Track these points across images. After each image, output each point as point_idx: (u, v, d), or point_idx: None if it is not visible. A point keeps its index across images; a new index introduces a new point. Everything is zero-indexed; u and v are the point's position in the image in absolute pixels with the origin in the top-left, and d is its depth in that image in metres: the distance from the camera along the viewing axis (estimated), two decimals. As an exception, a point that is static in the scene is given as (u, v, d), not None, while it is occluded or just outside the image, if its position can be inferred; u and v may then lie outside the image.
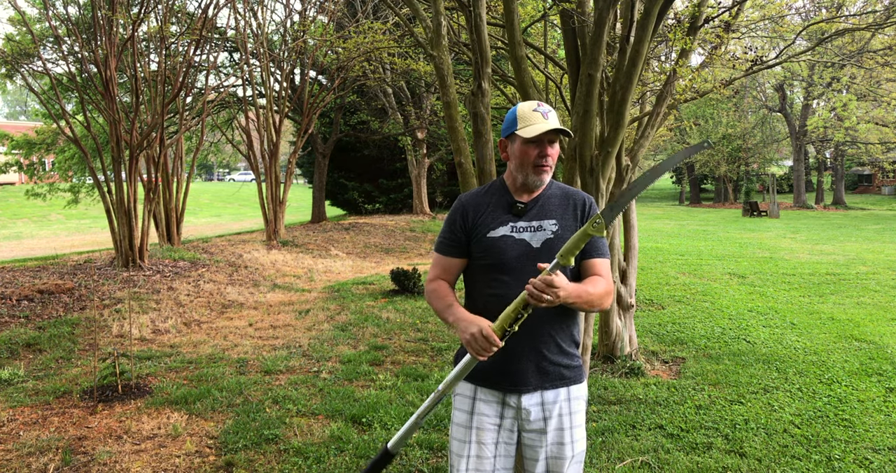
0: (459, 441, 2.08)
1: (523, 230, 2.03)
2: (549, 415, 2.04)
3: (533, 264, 1.97)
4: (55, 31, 9.91)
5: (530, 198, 2.08)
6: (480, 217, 2.07)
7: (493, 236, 2.03)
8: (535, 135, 1.97)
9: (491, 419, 2.05)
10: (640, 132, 4.36)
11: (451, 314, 1.99)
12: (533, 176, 2.04)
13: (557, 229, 2.03)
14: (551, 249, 1.99)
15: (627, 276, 5.70)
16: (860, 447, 3.80)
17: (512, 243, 2.01)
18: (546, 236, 2.02)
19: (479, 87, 3.43)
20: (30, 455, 3.71)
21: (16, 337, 6.12)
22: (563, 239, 2.01)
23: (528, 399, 2.03)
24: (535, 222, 2.04)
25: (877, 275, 10.05)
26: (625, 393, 4.73)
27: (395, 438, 2.07)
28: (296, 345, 6.26)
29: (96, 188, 9.98)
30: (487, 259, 2.03)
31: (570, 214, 2.07)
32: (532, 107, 2.03)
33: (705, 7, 4.21)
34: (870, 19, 6.73)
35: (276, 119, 14.52)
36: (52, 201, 16.92)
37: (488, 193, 2.13)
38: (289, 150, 20.38)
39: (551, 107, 2.09)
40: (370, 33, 8.48)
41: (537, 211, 2.06)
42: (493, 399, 2.05)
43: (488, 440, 2.05)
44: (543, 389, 2.04)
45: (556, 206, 2.08)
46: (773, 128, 36.55)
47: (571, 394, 2.08)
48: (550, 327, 2.02)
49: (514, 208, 2.06)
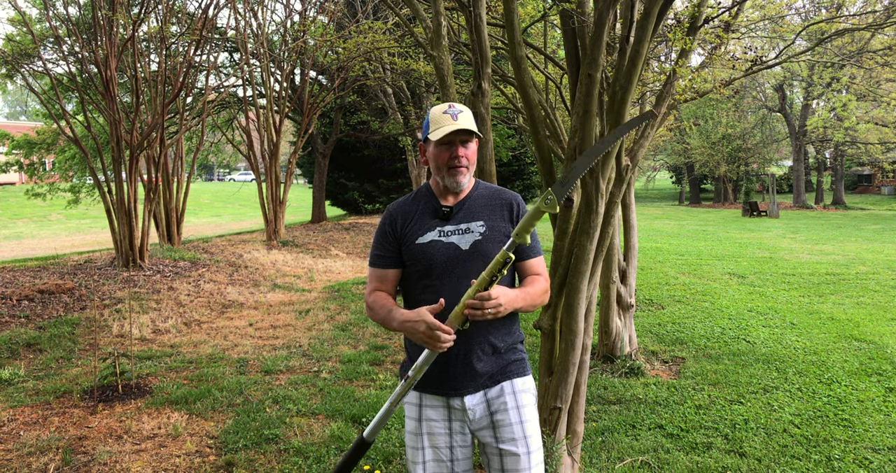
0: (413, 448, 2.08)
1: (451, 233, 2.02)
2: (496, 410, 2.04)
3: (463, 267, 1.98)
4: (55, 32, 9.92)
5: (456, 201, 2.08)
6: (409, 225, 2.07)
7: (422, 242, 2.02)
8: (442, 136, 1.98)
9: (439, 423, 2.06)
10: (640, 132, 4.36)
11: (393, 318, 1.97)
12: (448, 178, 2.04)
13: (485, 230, 2.03)
14: (480, 251, 2.00)
15: (627, 276, 5.71)
16: (860, 447, 3.81)
17: (440, 247, 2.01)
18: (474, 238, 2.01)
19: (479, 87, 3.43)
20: (30, 455, 3.72)
21: (16, 336, 6.13)
22: (492, 239, 2.01)
23: (470, 399, 2.03)
24: (462, 224, 2.04)
25: (876, 275, 10.05)
26: (624, 393, 4.73)
27: (370, 426, 2.09)
28: (296, 345, 6.27)
29: (96, 188, 9.98)
30: (417, 265, 2.03)
31: (497, 214, 2.07)
32: (443, 109, 2.04)
33: (705, 7, 4.21)
34: (870, 19, 6.73)
35: (277, 119, 14.52)
36: (52, 201, 16.92)
37: (415, 200, 2.13)
38: (289, 150, 20.38)
39: (465, 108, 2.07)
40: (370, 33, 8.48)
41: (464, 213, 2.06)
42: (438, 404, 2.06)
43: (441, 443, 2.05)
44: (486, 387, 2.04)
45: (482, 207, 2.08)
46: (772, 128, 36.56)
47: (516, 387, 2.06)
48: (486, 330, 2.02)
49: (440, 212, 2.05)
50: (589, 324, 3.26)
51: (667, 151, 38.85)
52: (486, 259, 1.98)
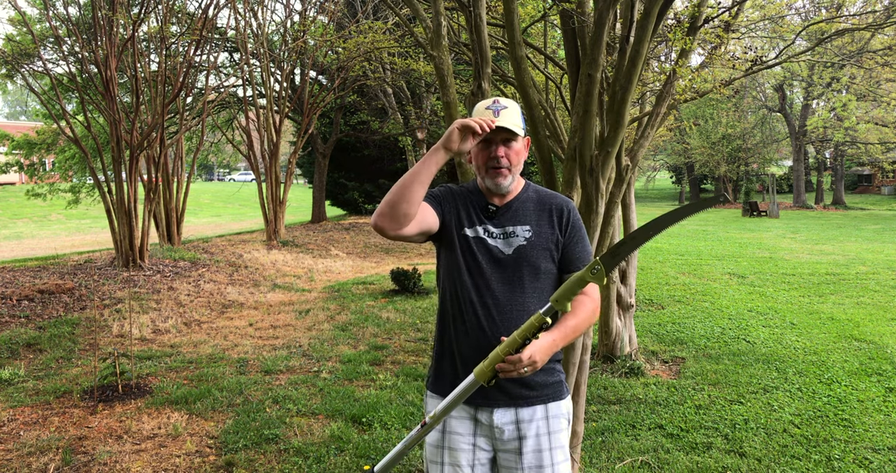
0: (433, 463, 1.95)
1: (497, 236, 1.92)
2: (525, 435, 1.89)
3: (504, 270, 1.89)
4: (55, 32, 9.92)
5: (503, 203, 1.97)
6: (461, 208, 1.96)
7: (469, 235, 1.93)
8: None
9: (465, 438, 1.91)
10: (640, 132, 4.36)
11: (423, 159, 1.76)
12: (488, 179, 1.92)
13: (531, 235, 1.92)
14: (524, 256, 1.90)
15: (627, 276, 5.71)
16: (860, 447, 3.81)
17: (485, 247, 1.92)
18: (519, 242, 1.91)
19: (479, 87, 3.43)
20: (30, 455, 3.72)
21: (16, 337, 6.13)
22: (537, 245, 1.91)
23: (500, 416, 1.89)
24: (508, 227, 1.93)
25: (876, 275, 10.05)
26: (625, 393, 4.73)
27: (382, 463, 1.94)
28: (296, 345, 6.27)
29: (97, 188, 9.99)
30: (459, 256, 1.92)
31: (545, 220, 1.95)
32: (486, 104, 1.91)
33: (705, 7, 4.21)
34: (870, 19, 6.73)
35: (276, 119, 14.52)
36: (52, 201, 16.91)
37: (468, 192, 2.02)
38: (289, 150, 20.37)
39: (512, 102, 1.92)
40: (370, 33, 8.48)
41: (511, 215, 1.95)
42: (465, 416, 1.92)
43: (463, 461, 1.91)
44: (518, 406, 1.90)
45: (530, 211, 1.96)
46: (772, 128, 36.54)
47: (550, 412, 1.92)
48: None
49: (487, 211, 1.95)
50: (589, 324, 3.26)
51: (667, 151, 38.84)
52: (530, 265, 1.90)
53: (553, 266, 1.94)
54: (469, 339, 1.90)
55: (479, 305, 1.89)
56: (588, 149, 2.99)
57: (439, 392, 1.95)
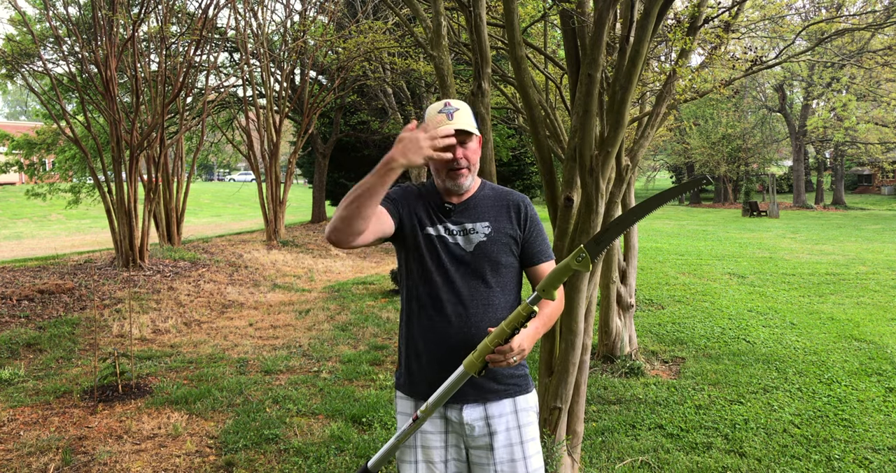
0: (406, 462, 1.97)
1: (457, 233, 1.96)
2: (496, 430, 1.93)
3: (466, 267, 1.93)
4: (55, 32, 9.92)
5: (460, 201, 2.01)
6: (420, 209, 1.99)
7: (431, 233, 1.96)
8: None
9: (435, 436, 1.96)
10: (640, 132, 4.36)
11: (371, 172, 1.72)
12: (449, 180, 1.95)
13: (490, 231, 1.97)
14: (484, 251, 1.94)
15: (627, 276, 5.71)
16: (860, 447, 3.81)
17: (445, 245, 1.95)
18: (479, 239, 1.95)
19: (479, 87, 3.43)
20: (30, 455, 3.72)
21: (16, 337, 6.13)
22: (497, 241, 1.95)
23: (469, 412, 1.93)
24: (467, 224, 1.97)
25: (876, 275, 10.05)
26: (624, 393, 4.73)
27: (375, 457, 1.97)
28: (296, 345, 6.27)
29: (97, 188, 9.99)
30: (424, 255, 1.95)
31: (504, 216, 2.00)
32: (438, 108, 1.94)
33: (705, 7, 4.21)
34: (870, 19, 6.73)
35: (276, 119, 14.52)
36: (52, 201, 16.92)
37: (426, 191, 2.04)
38: (289, 150, 20.38)
39: (462, 104, 1.96)
40: (370, 33, 8.48)
41: (469, 213, 1.99)
42: (435, 415, 1.95)
43: (437, 458, 1.95)
44: (487, 401, 1.94)
45: (488, 208, 2.01)
46: (772, 128, 36.57)
47: (518, 406, 1.97)
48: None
49: (444, 209, 1.98)
50: (589, 324, 3.26)
51: (667, 151, 38.87)
52: (490, 261, 1.94)
53: (514, 259, 2.00)
54: (437, 336, 1.93)
55: (445, 302, 1.92)
56: (588, 149, 2.99)
57: (412, 393, 1.99)
